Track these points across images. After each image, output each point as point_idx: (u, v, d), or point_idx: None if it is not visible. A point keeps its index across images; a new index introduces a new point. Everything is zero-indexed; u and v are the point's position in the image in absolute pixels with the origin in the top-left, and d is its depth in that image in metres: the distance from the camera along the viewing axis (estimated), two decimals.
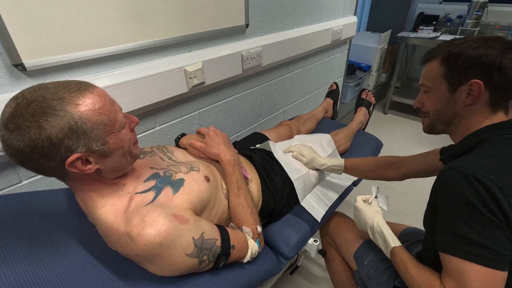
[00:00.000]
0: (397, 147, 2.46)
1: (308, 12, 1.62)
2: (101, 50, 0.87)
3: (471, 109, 0.62)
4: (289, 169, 1.05)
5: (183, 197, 0.66)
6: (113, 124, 0.56)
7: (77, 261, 0.63)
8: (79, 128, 0.50)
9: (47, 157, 0.50)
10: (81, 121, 0.50)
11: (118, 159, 0.59)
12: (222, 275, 0.71)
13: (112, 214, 0.60)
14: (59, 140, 0.49)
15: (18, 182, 0.85)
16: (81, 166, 0.54)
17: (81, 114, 0.50)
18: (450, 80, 0.63)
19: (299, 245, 0.96)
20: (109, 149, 0.56)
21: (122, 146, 0.59)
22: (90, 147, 0.53)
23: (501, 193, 0.50)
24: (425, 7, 2.98)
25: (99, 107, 0.53)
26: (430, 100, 0.68)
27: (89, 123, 0.52)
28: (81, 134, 0.51)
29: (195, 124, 1.28)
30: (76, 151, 0.52)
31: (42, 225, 0.70)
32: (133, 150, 0.63)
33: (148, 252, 0.56)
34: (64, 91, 0.51)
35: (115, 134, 0.56)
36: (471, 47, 0.60)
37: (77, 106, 0.51)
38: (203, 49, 1.15)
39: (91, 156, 0.54)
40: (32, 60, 0.75)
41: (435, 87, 0.66)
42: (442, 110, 0.66)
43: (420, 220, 0.75)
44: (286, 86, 1.72)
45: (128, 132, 0.61)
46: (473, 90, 0.60)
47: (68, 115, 0.49)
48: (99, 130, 0.53)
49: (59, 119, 0.48)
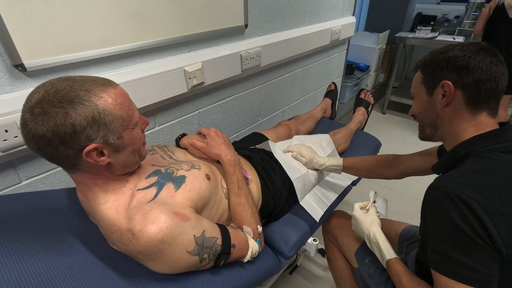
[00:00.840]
0: (396, 147, 2.47)
1: (307, 13, 1.62)
2: (101, 50, 0.87)
3: (450, 111, 0.64)
4: (288, 169, 1.06)
5: (185, 194, 0.67)
6: (130, 120, 0.59)
7: (78, 259, 0.63)
8: (101, 119, 0.53)
9: (66, 143, 0.52)
10: (104, 112, 0.53)
11: (128, 155, 0.62)
12: (222, 274, 0.72)
13: (114, 211, 0.60)
14: (81, 128, 0.51)
15: (18, 182, 0.86)
16: (96, 156, 0.56)
17: (105, 106, 0.54)
18: (426, 84, 0.67)
19: (299, 245, 0.97)
20: (123, 144, 0.59)
21: (133, 143, 0.61)
22: (107, 139, 0.56)
23: (486, 214, 0.51)
24: (423, 7, 3.00)
25: (120, 102, 0.56)
26: (415, 105, 0.72)
27: (111, 115, 0.55)
28: (102, 125, 0.54)
29: (194, 124, 1.28)
30: (94, 141, 0.54)
31: (43, 224, 0.70)
32: (142, 150, 0.66)
33: (150, 249, 0.57)
34: (91, 84, 0.54)
35: (130, 130, 0.59)
36: (441, 52, 0.65)
37: (102, 99, 0.54)
38: (202, 50, 1.15)
39: (105, 149, 0.57)
40: (32, 61, 0.75)
41: (417, 93, 0.70)
42: (424, 112, 0.69)
43: (417, 218, 0.76)
44: (285, 86, 1.73)
45: (139, 131, 0.64)
46: (446, 90, 0.62)
47: (93, 106, 0.52)
48: (118, 124, 0.56)
49: (85, 108, 0.51)
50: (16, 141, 0.76)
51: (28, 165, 0.85)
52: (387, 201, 0.96)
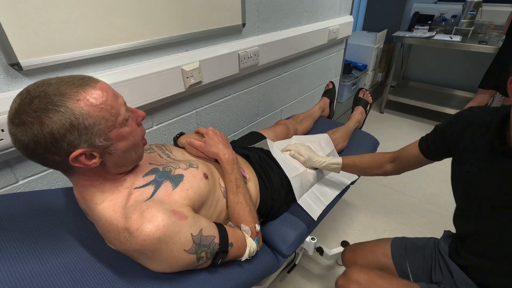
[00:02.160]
0: (394, 146, 2.46)
1: (305, 12, 1.63)
2: (98, 49, 0.87)
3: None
4: (286, 167, 1.06)
5: (182, 193, 0.66)
6: (115, 119, 0.56)
7: (75, 259, 0.63)
8: (80, 124, 0.51)
9: (51, 151, 0.51)
10: (82, 116, 0.51)
11: (123, 154, 0.60)
12: (220, 273, 0.71)
13: (111, 210, 0.60)
14: (61, 135, 0.50)
15: (15, 182, 0.85)
16: (85, 160, 0.54)
17: (81, 110, 0.51)
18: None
19: (297, 243, 0.97)
20: (113, 144, 0.57)
21: (126, 141, 0.59)
22: (93, 143, 0.54)
23: None
24: (420, 6, 3.00)
25: (101, 102, 0.53)
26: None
27: (90, 118, 0.52)
28: (82, 129, 0.51)
29: (192, 124, 1.28)
30: (78, 147, 0.52)
31: (40, 224, 0.70)
32: (141, 145, 0.64)
33: (146, 248, 0.56)
34: (66, 86, 0.51)
35: (117, 129, 0.57)
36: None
37: (78, 102, 0.51)
38: (200, 49, 1.15)
39: (95, 151, 0.55)
40: (29, 60, 0.75)
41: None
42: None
43: (416, 217, 0.76)
44: (283, 85, 1.73)
45: (133, 127, 0.61)
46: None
47: (69, 111, 0.50)
48: (101, 125, 0.53)
49: (60, 115, 0.49)
50: None
51: (24, 164, 0.85)
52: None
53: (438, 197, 1.89)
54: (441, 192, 1.93)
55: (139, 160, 0.67)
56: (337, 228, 1.70)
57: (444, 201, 1.85)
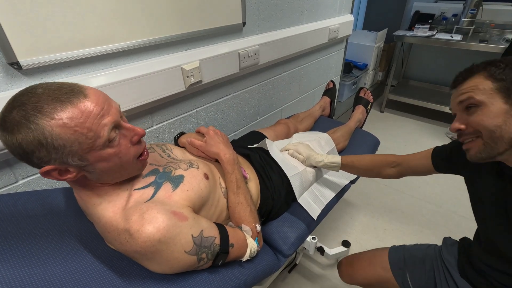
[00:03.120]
0: (394, 145, 2.47)
1: (305, 11, 1.62)
2: (98, 48, 0.86)
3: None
4: (285, 166, 1.06)
5: (183, 194, 0.66)
6: (92, 142, 0.51)
7: (76, 260, 0.62)
8: (49, 144, 0.48)
9: (26, 159, 0.51)
10: (51, 137, 0.48)
11: (105, 173, 0.57)
12: (221, 274, 0.71)
13: (110, 211, 0.60)
14: (30, 150, 0.49)
15: (14, 181, 0.85)
16: (58, 175, 0.53)
17: (51, 131, 0.48)
18: (505, 91, 0.56)
19: (298, 243, 0.96)
20: (90, 164, 0.54)
21: (107, 163, 0.55)
22: (65, 161, 0.51)
23: None
24: (420, 5, 3.00)
25: (75, 124, 0.49)
26: (482, 116, 0.58)
27: (60, 140, 0.49)
28: (51, 149, 0.49)
29: (192, 123, 1.28)
30: (49, 163, 0.51)
31: (40, 224, 0.69)
32: (131, 164, 0.60)
33: (147, 249, 0.56)
34: (47, 100, 0.48)
35: (96, 151, 0.53)
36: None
37: (52, 121, 0.48)
38: (200, 48, 1.15)
39: (70, 167, 0.53)
40: (28, 59, 0.75)
41: (488, 101, 0.58)
42: (504, 125, 0.56)
43: (416, 217, 0.76)
44: (283, 84, 1.73)
45: (122, 147, 0.56)
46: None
47: (39, 130, 0.47)
48: (74, 147, 0.50)
49: (29, 132, 0.47)
50: None
51: (24, 164, 0.84)
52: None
53: (438, 197, 1.89)
54: (441, 191, 1.93)
55: (133, 175, 0.64)
56: (337, 228, 1.70)
57: (445, 201, 1.84)
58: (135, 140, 0.59)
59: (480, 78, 0.59)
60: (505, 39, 2.32)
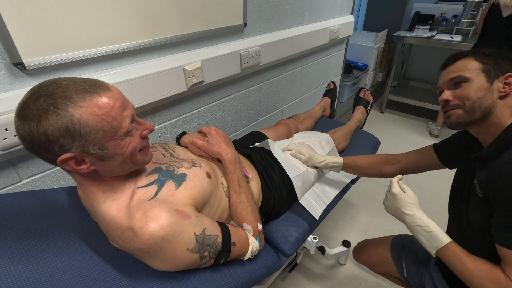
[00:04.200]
0: (394, 145, 2.48)
1: (306, 12, 1.63)
2: (101, 49, 0.87)
3: (505, 101, 0.68)
4: (287, 167, 1.06)
5: (186, 192, 0.67)
6: (115, 131, 0.55)
7: (79, 258, 0.63)
8: (76, 130, 0.51)
9: (45, 149, 0.52)
10: (79, 124, 0.51)
11: (116, 164, 0.59)
12: (222, 272, 0.72)
13: (114, 209, 0.60)
14: (54, 138, 0.50)
15: (18, 181, 0.85)
16: (74, 165, 0.54)
17: (80, 117, 0.51)
18: (487, 72, 0.69)
19: (299, 242, 0.97)
20: (107, 154, 0.56)
21: (122, 153, 0.58)
22: (86, 149, 0.53)
23: None
24: (421, 6, 3.01)
25: (102, 113, 0.53)
26: (468, 90, 0.70)
27: (87, 127, 0.51)
28: (77, 136, 0.51)
29: (194, 123, 1.28)
30: (69, 151, 0.52)
31: (43, 223, 0.70)
32: (137, 157, 0.62)
33: (150, 246, 0.57)
34: (74, 90, 0.51)
35: (116, 141, 0.56)
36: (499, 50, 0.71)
37: (80, 108, 0.51)
38: (202, 48, 1.15)
39: (86, 157, 0.55)
40: (32, 59, 0.75)
41: (474, 78, 0.69)
42: (483, 98, 0.69)
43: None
44: (284, 85, 1.73)
45: (136, 139, 0.60)
46: (508, 83, 0.67)
47: (68, 116, 0.50)
48: (98, 135, 0.53)
49: (58, 119, 0.49)
50: (16, 139, 0.75)
51: (28, 163, 0.85)
52: None
53: (439, 197, 1.89)
54: (441, 191, 1.93)
55: (136, 168, 0.66)
56: (338, 228, 1.70)
57: (445, 201, 1.84)
58: (145, 134, 0.62)
59: (469, 59, 0.71)
60: None
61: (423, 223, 0.74)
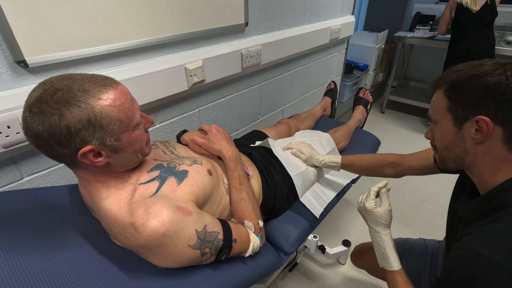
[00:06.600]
0: (395, 145, 2.48)
1: (307, 11, 1.63)
2: (103, 47, 0.87)
3: (483, 148, 0.53)
4: (288, 165, 1.07)
5: (187, 189, 0.67)
6: (129, 122, 0.58)
7: (81, 255, 0.63)
8: (97, 121, 0.53)
9: (62, 144, 0.52)
10: (100, 115, 0.53)
11: (128, 155, 0.61)
12: (223, 270, 0.72)
13: (116, 205, 0.61)
14: (76, 130, 0.51)
15: (19, 179, 0.86)
16: (92, 158, 0.56)
17: (101, 109, 0.53)
18: (454, 113, 0.54)
19: (299, 241, 0.97)
20: (121, 145, 0.59)
21: (134, 144, 0.61)
22: (104, 141, 0.55)
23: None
24: (422, 7, 3.01)
25: (119, 104, 0.55)
26: (437, 134, 0.60)
27: (107, 118, 0.54)
28: (98, 127, 0.53)
29: (195, 122, 1.29)
30: (90, 143, 0.54)
31: (45, 220, 0.70)
32: (145, 149, 0.66)
33: (152, 243, 0.57)
34: (90, 84, 0.53)
35: (129, 132, 0.59)
36: (476, 76, 0.51)
37: (100, 100, 0.53)
38: (203, 47, 1.16)
39: (103, 150, 0.56)
40: (35, 57, 0.76)
41: (440, 120, 0.58)
42: (450, 147, 0.57)
43: (417, 217, 0.77)
44: (285, 84, 1.74)
45: (142, 131, 0.63)
46: (481, 127, 0.50)
47: (89, 108, 0.52)
48: (115, 126, 0.56)
49: (80, 110, 0.51)
50: (18, 137, 0.76)
51: (29, 161, 0.86)
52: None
53: (439, 197, 1.89)
54: (442, 191, 1.94)
55: (141, 161, 0.68)
56: (338, 228, 1.70)
57: (445, 201, 1.84)
58: (147, 127, 0.66)
59: (440, 92, 0.57)
60: (506, 40, 2.33)
61: (382, 244, 0.73)
